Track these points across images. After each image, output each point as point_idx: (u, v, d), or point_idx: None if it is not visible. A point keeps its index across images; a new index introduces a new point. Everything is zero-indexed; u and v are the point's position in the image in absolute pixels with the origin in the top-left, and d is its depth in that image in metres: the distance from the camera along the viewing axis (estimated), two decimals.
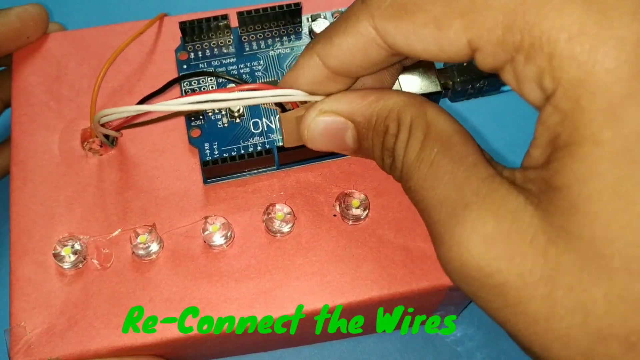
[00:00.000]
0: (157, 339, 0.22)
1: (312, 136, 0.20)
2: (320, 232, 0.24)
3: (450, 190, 0.16)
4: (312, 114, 0.19)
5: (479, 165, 0.16)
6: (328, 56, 0.18)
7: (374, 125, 0.19)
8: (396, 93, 0.19)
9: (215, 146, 0.25)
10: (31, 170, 0.25)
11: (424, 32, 0.16)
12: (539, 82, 0.14)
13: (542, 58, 0.14)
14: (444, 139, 0.17)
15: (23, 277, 0.23)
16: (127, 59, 0.27)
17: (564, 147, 0.14)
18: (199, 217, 0.24)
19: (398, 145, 0.18)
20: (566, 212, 0.14)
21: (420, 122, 0.17)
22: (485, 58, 0.15)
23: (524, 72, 0.15)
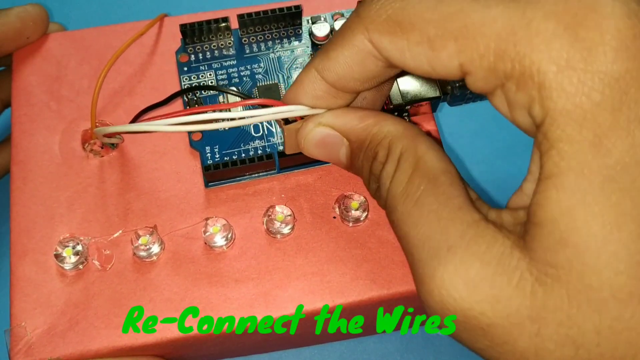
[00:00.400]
0: (158, 339, 0.22)
1: (308, 146, 0.20)
2: (320, 233, 0.24)
3: (433, 230, 0.16)
4: (311, 124, 0.20)
5: (464, 209, 0.16)
6: (325, 70, 0.19)
7: (365, 148, 0.19)
8: (393, 121, 0.19)
9: (216, 149, 0.25)
10: (31, 170, 0.25)
11: (417, 51, 0.16)
12: (529, 109, 0.15)
13: (532, 87, 0.14)
14: (431, 177, 0.17)
15: (24, 277, 0.23)
16: (127, 60, 0.27)
17: (549, 178, 0.14)
18: (200, 219, 0.24)
19: (384, 174, 0.18)
20: (554, 247, 0.14)
21: (409, 156, 0.18)
22: (475, 82, 0.16)
23: (514, 99, 0.15)
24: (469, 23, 0.15)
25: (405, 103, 0.24)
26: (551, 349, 0.14)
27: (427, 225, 0.16)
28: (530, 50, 0.14)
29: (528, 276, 0.14)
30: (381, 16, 0.17)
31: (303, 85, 0.19)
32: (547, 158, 0.14)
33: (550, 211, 0.14)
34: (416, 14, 0.16)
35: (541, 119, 0.14)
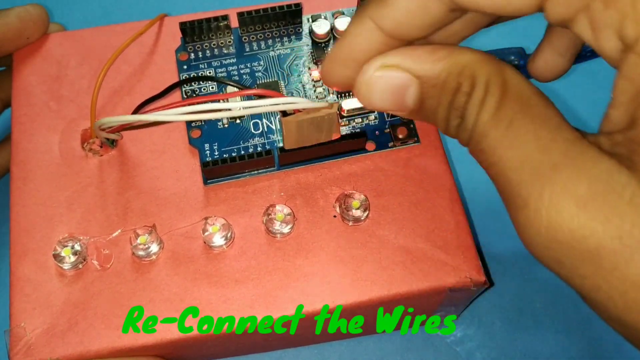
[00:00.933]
0: (157, 340, 0.22)
1: (370, 92, 0.18)
2: (321, 233, 0.24)
3: (533, 150, 0.15)
4: (372, 68, 0.18)
5: (563, 128, 0.15)
6: (383, 18, 0.17)
7: (442, 82, 0.17)
8: (469, 50, 0.17)
9: (216, 147, 0.25)
10: (31, 170, 0.25)
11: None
12: (619, 29, 0.13)
13: (624, 2, 0.13)
14: (524, 99, 0.16)
15: (23, 277, 0.23)
16: (127, 60, 0.27)
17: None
18: (199, 218, 0.24)
19: (471, 104, 0.16)
20: None
21: (497, 81, 0.16)
22: (555, 7, 0.14)
23: (602, 20, 0.14)
24: None
25: None
26: None
27: (526, 145, 0.15)
28: None
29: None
30: None
31: (357, 37, 0.18)
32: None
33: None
34: None
35: (636, 37, 0.13)
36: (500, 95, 0.16)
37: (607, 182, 0.14)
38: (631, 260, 0.13)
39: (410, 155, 0.25)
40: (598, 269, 0.14)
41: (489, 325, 0.30)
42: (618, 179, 0.14)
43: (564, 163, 0.14)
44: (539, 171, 0.15)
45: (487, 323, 0.30)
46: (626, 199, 0.13)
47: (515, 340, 0.29)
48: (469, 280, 0.23)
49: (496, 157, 0.16)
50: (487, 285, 0.23)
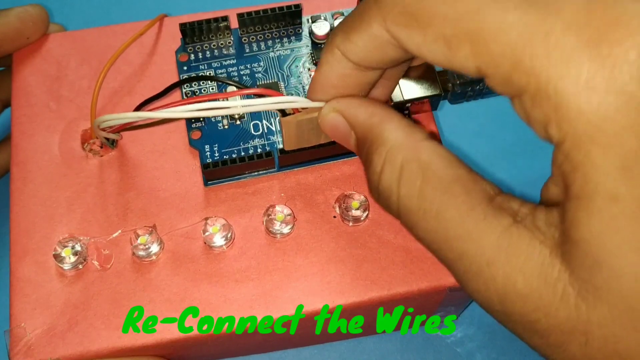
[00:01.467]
0: (158, 340, 0.22)
1: (324, 126, 0.20)
2: (321, 233, 0.24)
3: (467, 246, 0.16)
4: (327, 108, 0.20)
5: (489, 217, 0.16)
6: (348, 52, 0.18)
7: (366, 148, 0.19)
8: (395, 126, 0.18)
9: (216, 148, 0.25)
10: (31, 171, 0.25)
11: (434, 47, 0.15)
12: (545, 127, 0.14)
13: (548, 106, 0.13)
14: (444, 188, 0.16)
15: (23, 277, 0.23)
16: (127, 60, 0.27)
17: (577, 199, 0.14)
18: (199, 219, 0.24)
19: (384, 186, 0.18)
20: (590, 267, 0.14)
21: (413, 167, 0.17)
22: (494, 86, 0.15)
23: (531, 114, 0.14)
24: (484, 27, 0.14)
25: (406, 101, 0.24)
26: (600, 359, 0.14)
27: (458, 241, 0.16)
28: (547, 66, 0.13)
29: (571, 290, 0.14)
30: (398, 5, 0.16)
31: (331, 65, 0.19)
32: (573, 180, 0.14)
33: (582, 233, 0.14)
34: (432, 8, 0.15)
35: (559, 140, 0.14)
36: (420, 183, 0.17)
37: (539, 278, 0.15)
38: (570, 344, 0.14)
39: None
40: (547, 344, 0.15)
41: (489, 325, 0.30)
42: (550, 274, 0.14)
43: (497, 259, 0.15)
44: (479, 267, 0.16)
45: (487, 323, 0.30)
46: (558, 296, 0.14)
47: (515, 341, 0.29)
48: None
49: (434, 247, 0.17)
50: None
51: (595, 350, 0.14)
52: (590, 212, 0.13)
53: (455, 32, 0.15)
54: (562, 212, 0.14)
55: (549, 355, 0.15)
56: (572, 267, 0.14)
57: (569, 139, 0.13)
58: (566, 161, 0.14)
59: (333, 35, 0.19)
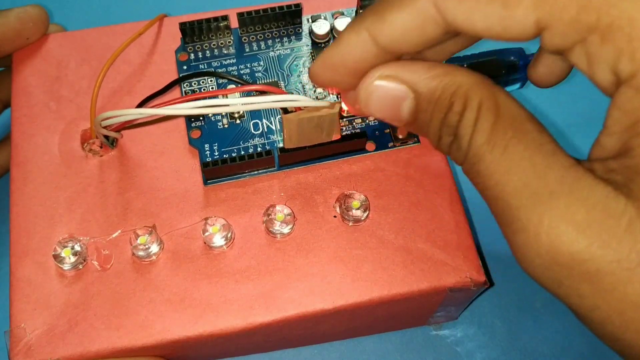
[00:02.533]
0: (158, 340, 0.22)
1: (368, 100, 0.19)
2: (321, 233, 0.24)
3: (529, 177, 0.15)
4: (372, 77, 0.18)
5: (558, 154, 0.15)
6: (379, 33, 0.17)
7: (437, 98, 0.17)
8: (465, 71, 0.17)
9: (216, 147, 0.25)
10: (31, 171, 0.25)
11: (488, 10, 0.15)
12: (614, 64, 0.14)
13: (621, 39, 0.13)
14: (518, 124, 0.16)
15: (23, 278, 0.23)
16: (127, 60, 0.27)
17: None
18: (199, 218, 0.24)
19: (463, 125, 0.17)
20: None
21: (490, 105, 0.16)
22: (553, 38, 0.15)
23: (597, 54, 0.14)
24: None
25: None
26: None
27: (522, 172, 0.15)
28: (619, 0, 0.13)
29: (638, 222, 0.14)
30: None
31: (350, 47, 0.18)
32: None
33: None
34: None
35: (630, 73, 0.13)
36: (494, 119, 0.16)
37: (604, 209, 0.14)
38: (629, 282, 0.14)
39: (411, 155, 0.25)
40: (597, 290, 0.14)
41: (489, 325, 0.30)
42: (615, 206, 0.14)
43: (560, 190, 0.15)
44: (538, 197, 0.15)
45: (488, 323, 0.30)
46: (623, 226, 0.14)
47: (516, 340, 0.29)
48: (469, 280, 0.23)
49: (493, 182, 0.16)
50: (487, 286, 0.23)
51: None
52: None
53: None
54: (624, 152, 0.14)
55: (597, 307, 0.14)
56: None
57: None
58: (637, 94, 0.13)
59: (361, 17, 0.18)
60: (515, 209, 0.16)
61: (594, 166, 0.16)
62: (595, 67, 0.15)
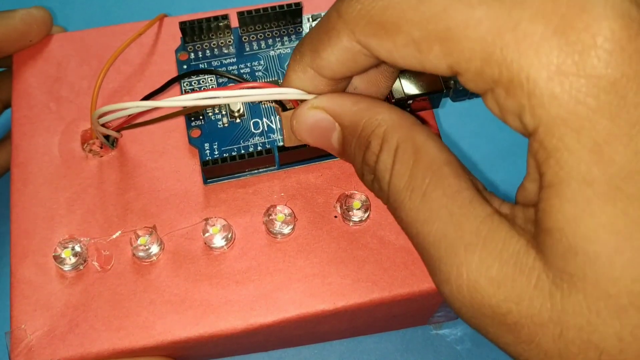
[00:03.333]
0: (158, 341, 0.22)
1: (300, 128, 0.20)
2: (321, 233, 0.23)
3: (447, 227, 0.16)
4: (304, 107, 0.19)
5: (474, 203, 0.16)
6: (322, 69, 0.18)
7: (357, 135, 0.18)
8: (387, 108, 0.18)
9: (216, 146, 0.25)
10: (31, 172, 0.25)
11: (405, 52, 0.16)
12: (519, 117, 0.14)
13: (522, 95, 0.14)
14: (435, 169, 0.16)
15: (23, 279, 0.23)
16: (127, 60, 0.27)
17: (551, 187, 0.14)
18: (200, 219, 0.23)
19: (380, 166, 0.18)
20: (565, 255, 0.14)
21: (407, 147, 0.17)
22: (466, 83, 0.15)
23: (505, 105, 0.14)
24: (452, 25, 0.14)
25: (407, 97, 0.24)
26: (575, 352, 0.14)
27: (440, 222, 0.16)
28: (518, 56, 0.14)
29: (545, 278, 0.14)
30: (364, 17, 0.16)
31: (303, 82, 0.19)
32: (547, 167, 0.14)
33: (556, 220, 0.14)
34: (398, 14, 0.15)
35: (534, 127, 0.14)
36: (412, 163, 0.17)
37: (516, 264, 0.15)
38: (543, 336, 0.14)
39: None
40: (518, 340, 0.15)
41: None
42: (525, 262, 0.14)
43: (475, 243, 0.15)
44: (455, 250, 0.15)
45: None
46: (532, 284, 0.14)
47: None
48: None
49: (414, 231, 0.17)
50: None
51: (570, 342, 0.14)
52: (563, 198, 0.13)
53: (424, 35, 0.15)
54: (536, 205, 0.15)
55: (520, 354, 0.15)
56: (546, 256, 0.14)
57: (543, 125, 0.14)
58: (540, 149, 0.14)
59: (300, 54, 0.19)
60: (436, 260, 0.16)
61: (516, 213, 0.16)
62: (505, 115, 0.15)
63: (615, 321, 0.13)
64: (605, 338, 0.13)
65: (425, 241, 0.16)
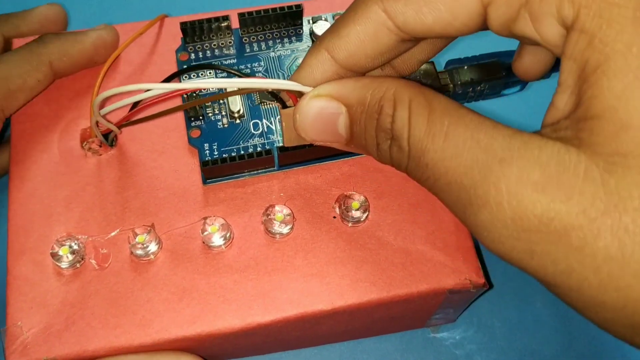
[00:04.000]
0: (155, 340, 0.22)
1: (304, 122, 0.19)
2: (320, 233, 0.23)
3: (477, 154, 0.15)
4: (306, 97, 0.19)
5: (498, 126, 0.15)
6: (337, 49, 0.18)
7: (367, 106, 0.18)
8: (392, 77, 0.18)
9: (215, 147, 0.25)
10: (30, 169, 0.25)
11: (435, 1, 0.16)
12: (558, 12, 0.14)
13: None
14: (452, 112, 0.16)
15: (20, 276, 0.23)
16: (127, 60, 0.27)
17: (596, 69, 0.13)
18: (198, 218, 0.23)
19: (397, 125, 0.17)
20: (617, 133, 0.13)
21: (421, 100, 0.17)
22: (499, 9, 0.15)
23: (540, 9, 0.14)
24: None
25: None
26: (637, 240, 0.13)
27: (468, 151, 0.15)
28: None
29: (594, 167, 0.13)
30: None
31: (312, 68, 0.19)
32: (591, 50, 0.13)
33: (606, 99, 0.13)
34: None
35: (574, 15, 0.14)
36: (428, 112, 0.17)
37: (558, 163, 0.14)
38: (598, 233, 0.13)
39: None
40: (569, 250, 0.14)
41: (489, 325, 0.30)
42: (569, 159, 0.14)
43: (510, 156, 0.15)
44: (489, 169, 0.15)
45: (487, 324, 0.30)
46: (581, 176, 0.14)
47: (515, 341, 0.29)
48: (469, 282, 0.23)
49: (443, 169, 0.16)
50: (487, 288, 0.23)
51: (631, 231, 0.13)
52: (611, 74, 0.13)
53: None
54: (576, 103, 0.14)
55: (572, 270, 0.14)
56: (593, 145, 0.13)
57: (583, 9, 0.14)
58: (582, 36, 0.14)
59: (320, 38, 0.19)
60: (470, 188, 0.15)
61: (542, 132, 0.16)
62: (542, 25, 0.15)
63: None
64: None
65: (455, 174, 0.16)
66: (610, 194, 0.13)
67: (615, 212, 0.13)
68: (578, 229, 0.13)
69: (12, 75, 0.24)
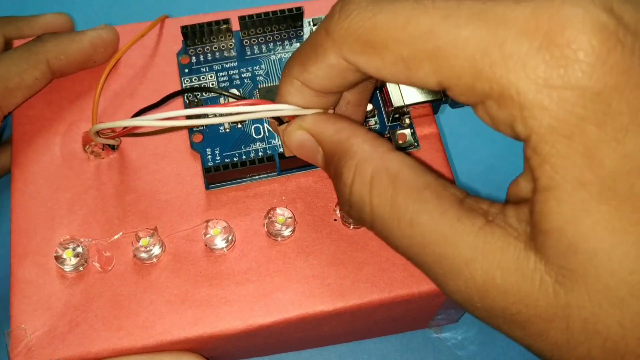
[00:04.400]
0: (158, 342, 0.22)
1: (290, 146, 0.21)
2: (321, 236, 0.24)
3: (444, 249, 0.16)
4: (293, 126, 0.20)
5: (462, 219, 0.16)
6: (307, 82, 0.19)
7: (334, 164, 0.19)
8: (362, 139, 0.19)
9: (217, 151, 0.25)
10: (32, 172, 0.25)
11: (394, 69, 0.16)
12: (512, 127, 0.15)
13: (513, 107, 0.15)
14: (416, 196, 0.17)
15: (24, 279, 0.23)
16: (128, 62, 0.27)
17: (545, 190, 0.15)
18: (201, 221, 0.24)
19: (356, 198, 0.18)
20: (565, 253, 0.14)
21: (382, 177, 0.17)
22: (457, 97, 0.16)
23: (496, 116, 0.15)
24: (440, 44, 0.15)
25: (407, 105, 0.24)
26: (581, 340, 0.15)
27: (435, 245, 0.16)
28: (507, 72, 0.14)
29: (548, 278, 0.15)
30: (352, 36, 0.17)
31: (290, 94, 0.20)
32: (541, 172, 0.15)
33: (555, 221, 0.14)
34: (386, 34, 0.16)
35: (526, 136, 0.15)
36: (391, 192, 0.17)
37: (517, 271, 0.15)
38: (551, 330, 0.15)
39: None
40: (529, 334, 0.16)
41: (489, 327, 0.30)
42: (527, 266, 0.15)
43: (474, 258, 0.16)
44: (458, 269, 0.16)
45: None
46: (536, 286, 0.15)
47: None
48: None
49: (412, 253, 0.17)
50: None
51: (577, 333, 0.15)
52: (560, 200, 0.14)
53: (412, 54, 0.16)
54: (531, 207, 0.15)
55: (531, 345, 0.16)
56: (546, 257, 0.15)
57: (535, 134, 0.14)
58: (534, 155, 0.15)
59: (288, 68, 0.19)
60: (441, 276, 0.17)
61: (508, 212, 0.16)
62: (497, 124, 0.16)
63: (617, 311, 0.14)
64: (609, 326, 0.14)
65: (425, 262, 0.17)
66: (560, 304, 0.15)
67: (564, 319, 0.15)
68: (535, 325, 0.15)
69: (10, 73, 0.24)
